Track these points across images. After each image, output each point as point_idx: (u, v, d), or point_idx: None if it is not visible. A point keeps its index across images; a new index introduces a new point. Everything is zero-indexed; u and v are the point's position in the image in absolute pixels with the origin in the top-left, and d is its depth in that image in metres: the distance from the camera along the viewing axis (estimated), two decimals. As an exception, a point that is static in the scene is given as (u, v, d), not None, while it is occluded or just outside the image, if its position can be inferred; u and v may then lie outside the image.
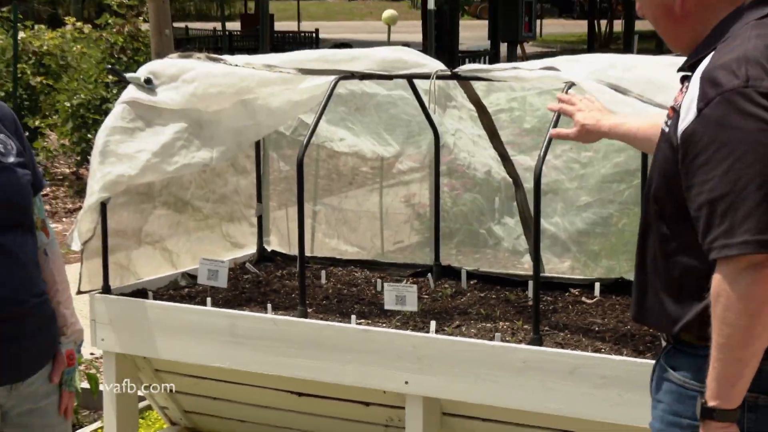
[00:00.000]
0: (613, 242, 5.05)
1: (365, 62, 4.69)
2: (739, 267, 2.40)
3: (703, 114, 2.46)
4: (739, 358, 2.44)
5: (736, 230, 2.39)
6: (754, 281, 2.39)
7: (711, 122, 2.45)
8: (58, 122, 12.60)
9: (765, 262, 2.38)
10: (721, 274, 2.42)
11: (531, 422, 3.97)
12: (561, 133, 3.48)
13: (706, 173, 2.44)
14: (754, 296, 2.39)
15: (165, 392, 4.81)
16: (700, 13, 2.65)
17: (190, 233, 5.33)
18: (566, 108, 3.43)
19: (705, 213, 2.45)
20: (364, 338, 4.07)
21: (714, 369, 2.48)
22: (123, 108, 4.53)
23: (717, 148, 2.43)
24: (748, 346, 2.43)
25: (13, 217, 3.15)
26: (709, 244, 2.44)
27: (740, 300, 2.40)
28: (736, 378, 2.47)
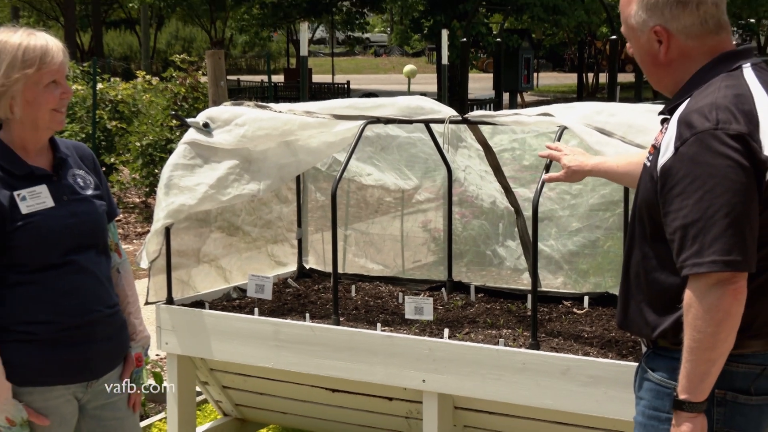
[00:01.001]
0: (599, 262, 5.03)
1: (389, 109, 4.69)
2: (708, 283, 2.41)
3: (680, 151, 2.47)
4: (707, 359, 2.45)
5: (705, 251, 2.39)
6: (721, 295, 2.40)
7: (686, 159, 2.45)
8: (130, 159, 12.68)
9: (730, 278, 2.40)
10: (692, 288, 2.44)
11: (529, 415, 3.94)
12: (552, 177, 3.53)
13: (680, 202, 2.45)
14: (720, 308, 2.41)
15: (219, 389, 4.81)
16: (681, 61, 2.66)
17: (241, 253, 5.33)
18: (554, 154, 3.46)
19: (679, 236, 2.46)
20: (388, 343, 4.05)
21: (685, 368, 2.49)
22: (184, 148, 4.54)
23: (691, 181, 2.44)
24: (715, 349, 2.44)
25: (90, 240, 3.18)
26: (682, 263, 2.45)
27: (708, 311, 2.41)
28: (705, 376, 2.47)
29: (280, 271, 5.44)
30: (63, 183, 3.15)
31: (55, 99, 3.07)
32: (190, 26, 54.50)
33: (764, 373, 2.60)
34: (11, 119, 3.07)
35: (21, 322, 3.05)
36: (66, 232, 3.09)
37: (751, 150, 2.41)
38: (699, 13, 2.61)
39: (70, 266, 3.10)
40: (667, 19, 2.62)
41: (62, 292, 3.08)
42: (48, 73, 3.04)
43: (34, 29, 3.11)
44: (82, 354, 3.15)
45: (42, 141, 3.16)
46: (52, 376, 3.12)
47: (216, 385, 4.80)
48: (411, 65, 16.10)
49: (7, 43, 3.02)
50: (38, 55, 3.02)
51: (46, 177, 3.12)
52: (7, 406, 3.03)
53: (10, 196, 3.01)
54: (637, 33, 2.70)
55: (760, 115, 2.46)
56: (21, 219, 3.01)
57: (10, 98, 3.02)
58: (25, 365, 3.06)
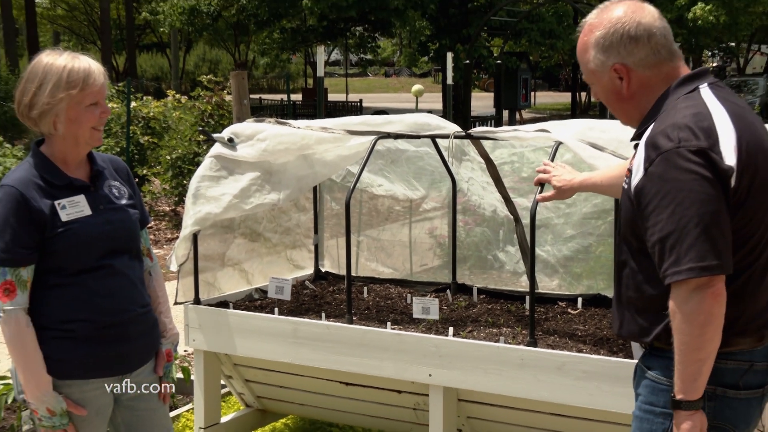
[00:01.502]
0: (592, 266, 5.02)
1: (398, 125, 4.69)
2: (688, 289, 2.42)
3: (649, 171, 2.51)
4: (696, 359, 2.45)
5: (682, 260, 2.42)
6: (701, 299, 2.41)
7: (655, 177, 2.49)
8: (160, 171, 12.69)
9: (708, 283, 2.41)
10: (675, 295, 2.46)
11: (527, 407, 3.93)
12: (545, 197, 3.54)
13: (656, 217, 2.48)
14: (702, 310, 2.42)
15: (241, 382, 4.81)
16: (642, 91, 2.70)
17: (262, 257, 5.33)
18: (543, 177, 3.48)
19: (658, 249, 2.48)
20: (397, 340, 4.05)
21: (678, 370, 2.49)
22: (211, 161, 4.55)
23: (662, 197, 2.47)
24: (702, 349, 2.44)
25: (124, 245, 3.20)
26: (663, 273, 2.47)
27: (692, 314, 2.43)
28: (696, 375, 2.47)
29: (298, 274, 5.44)
30: (99, 193, 3.17)
31: (95, 118, 3.10)
32: (216, 49, 54.69)
33: (751, 368, 2.59)
34: (54, 135, 3.09)
35: (60, 321, 3.07)
36: (102, 238, 3.11)
37: (713, 162, 2.44)
38: (651, 44, 2.65)
39: (106, 269, 3.12)
40: (624, 56, 2.66)
41: (98, 294, 3.10)
42: (90, 95, 3.07)
43: (78, 53, 3.14)
44: (117, 350, 3.17)
45: (81, 155, 3.18)
46: (89, 370, 3.13)
47: (239, 379, 4.80)
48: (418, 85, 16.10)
49: (53, 65, 3.04)
50: (81, 77, 3.05)
51: (85, 188, 3.14)
52: (48, 398, 3.05)
53: (51, 204, 3.04)
54: (599, 75, 2.72)
55: (719, 129, 2.49)
56: (61, 226, 3.03)
57: (54, 116, 3.04)
58: (64, 360, 3.07)
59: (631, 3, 2.69)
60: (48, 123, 3.06)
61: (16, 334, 3.02)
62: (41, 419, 3.07)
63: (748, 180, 2.49)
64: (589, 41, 2.71)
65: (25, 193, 3.00)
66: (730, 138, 2.48)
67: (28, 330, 3.02)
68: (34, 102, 3.04)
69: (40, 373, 3.03)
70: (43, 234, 3.02)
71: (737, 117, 2.55)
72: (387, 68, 71.10)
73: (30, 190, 3.02)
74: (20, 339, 3.02)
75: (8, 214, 2.98)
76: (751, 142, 2.52)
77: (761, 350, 2.62)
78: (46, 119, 3.05)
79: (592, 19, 2.73)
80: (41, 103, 3.03)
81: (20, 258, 3.01)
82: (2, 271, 3.01)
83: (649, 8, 2.68)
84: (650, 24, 2.65)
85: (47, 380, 3.04)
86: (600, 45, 2.67)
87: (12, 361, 3.09)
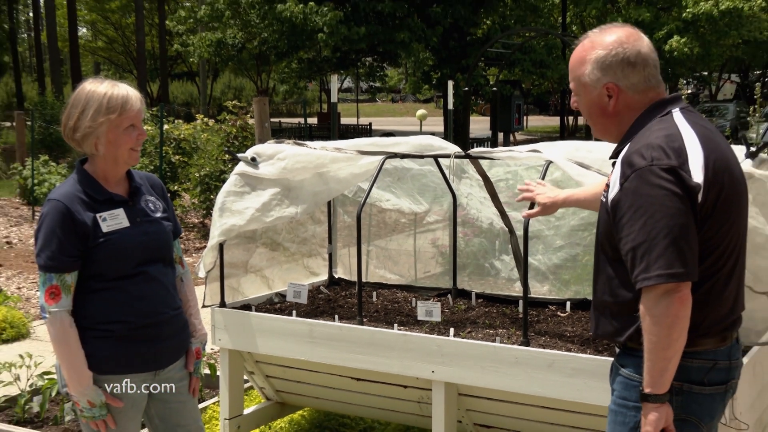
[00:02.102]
0: (579, 273, 5.01)
1: (404, 146, 4.70)
2: (657, 293, 2.44)
3: (624, 187, 2.52)
4: (664, 357, 2.46)
5: (652, 267, 2.43)
6: (669, 303, 2.43)
7: (629, 192, 2.50)
8: (190, 187, 12.72)
9: (675, 288, 2.42)
10: (645, 299, 2.47)
11: (521, 401, 3.92)
12: (531, 214, 3.52)
13: (629, 228, 2.49)
14: (669, 313, 2.43)
15: (262, 377, 4.80)
16: (626, 111, 2.71)
17: (281, 265, 5.33)
18: (528, 195, 3.49)
19: (630, 257, 2.49)
20: (404, 340, 4.04)
21: (647, 367, 2.50)
22: (235, 178, 4.55)
23: (635, 210, 2.48)
24: (669, 348, 2.46)
25: (158, 254, 3.23)
26: (635, 279, 2.48)
27: (660, 317, 2.44)
28: (663, 371, 2.48)
29: (314, 280, 5.43)
30: (137, 207, 3.20)
31: (132, 140, 3.13)
32: (240, 78, 54.84)
33: (715, 367, 2.59)
34: (96, 155, 3.13)
35: (101, 322, 3.10)
36: (139, 247, 3.14)
37: (682, 179, 2.45)
38: (644, 72, 2.66)
39: (142, 276, 3.15)
40: (619, 78, 2.66)
41: (135, 297, 3.13)
42: (127, 119, 3.10)
43: (117, 81, 3.17)
44: (151, 348, 3.19)
45: (120, 173, 3.21)
46: (126, 367, 3.15)
47: (260, 375, 4.79)
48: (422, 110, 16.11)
49: (95, 92, 3.08)
50: (120, 103, 3.08)
51: (123, 202, 3.17)
52: (89, 392, 3.06)
53: (93, 217, 3.07)
54: (590, 89, 2.72)
55: (688, 149, 2.50)
56: (102, 236, 3.07)
57: (96, 138, 3.08)
58: (104, 357, 3.10)
59: (632, 30, 2.69)
60: (90, 144, 3.10)
61: (60, 334, 3.04)
62: (82, 410, 3.08)
63: (714, 196, 2.50)
64: (588, 56, 2.69)
65: (70, 207, 3.04)
66: (698, 157, 2.50)
67: (71, 330, 3.05)
68: (77, 125, 3.08)
69: (82, 369, 3.05)
70: (86, 244, 3.05)
71: (705, 139, 2.56)
72: (394, 95, 71.25)
73: (74, 204, 3.06)
74: (64, 338, 3.04)
75: (55, 226, 3.02)
76: (718, 161, 2.53)
77: (724, 350, 2.62)
78: (89, 141, 3.09)
79: (595, 36, 2.71)
80: (84, 127, 3.07)
81: (65, 265, 3.03)
82: (49, 276, 3.03)
83: (645, 39, 2.69)
84: (647, 54, 2.66)
85: (88, 375, 3.06)
86: (599, 63, 2.67)
87: (56, 357, 3.11)
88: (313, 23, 24.71)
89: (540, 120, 53.98)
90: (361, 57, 30.34)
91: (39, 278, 3.07)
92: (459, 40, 27.51)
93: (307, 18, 24.70)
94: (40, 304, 3.07)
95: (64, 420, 5.07)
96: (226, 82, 57.13)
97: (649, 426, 2.51)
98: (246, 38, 28.42)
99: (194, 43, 29.29)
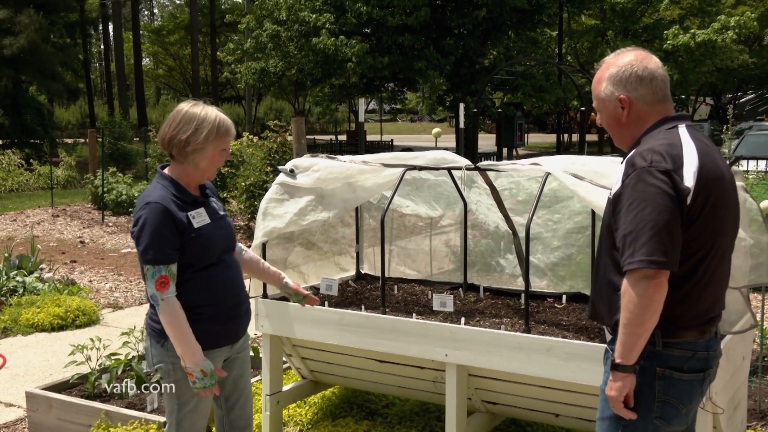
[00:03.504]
0: (573, 270, 4.98)
1: (422, 160, 4.69)
2: (638, 276, 2.43)
3: (624, 183, 2.53)
4: (636, 333, 2.46)
5: (636, 253, 2.43)
6: (646, 286, 2.42)
7: (628, 188, 2.51)
8: (237, 195, 12.76)
9: (654, 274, 2.41)
10: (627, 280, 2.46)
11: (523, 381, 3.90)
12: None
13: (624, 218, 2.50)
14: (646, 295, 2.42)
15: (299, 359, 4.80)
16: (637, 122, 2.71)
17: (315, 262, 5.33)
18: None
19: (621, 243, 2.50)
20: (421, 327, 4.03)
21: (620, 339, 2.50)
22: (276, 187, 4.56)
23: (630, 204, 2.48)
24: (641, 325, 2.45)
25: (231, 244, 3.37)
26: (622, 262, 2.48)
27: (637, 297, 2.43)
28: (634, 345, 2.48)
29: (343, 275, 5.43)
30: (210, 206, 3.32)
31: (222, 161, 3.28)
32: (280, 101, 55.03)
33: (694, 356, 2.57)
34: (189, 165, 3.22)
35: (194, 307, 3.17)
36: (219, 240, 3.24)
37: (675, 182, 2.45)
38: (652, 86, 2.66)
39: (222, 264, 3.25)
40: (629, 90, 2.66)
41: (220, 283, 3.23)
42: (226, 142, 3.25)
43: (213, 106, 3.28)
44: (234, 325, 3.31)
45: (201, 182, 3.33)
46: (218, 341, 3.25)
47: (297, 357, 4.79)
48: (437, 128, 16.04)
49: (207, 117, 3.19)
50: (226, 128, 3.22)
51: (203, 203, 3.28)
52: (203, 363, 3.13)
53: (186, 216, 3.17)
54: (606, 103, 2.72)
55: (685, 158, 2.50)
56: (194, 231, 3.17)
57: (202, 154, 3.19)
58: (200, 336, 3.16)
59: (643, 52, 2.70)
60: (195, 158, 3.20)
61: (173, 316, 3.10)
62: (195, 381, 3.14)
63: (702, 202, 2.48)
64: (603, 75, 2.71)
65: (168, 207, 3.12)
66: (693, 166, 2.49)
67: (181, 312, 3.12)
68: (189, 140, 3.17)
69: (195, 344, 3.12)
70: (182, 238, 3.14)
71: (703, 152, 2.55)
72: (412, 115, 71.19)
73: (170, 204, 3.14)
74: (177, 320, 3.10)
75: (158, 225, 3.09)
76: (711, 172, 2.52)
77: (702, 342, 2.60)
78: (196, 155, 3.19)
79: (609, 59, 2.74)
80: (195, 143, 3.17)
81: (170, 257, 3.11)
82: (158, 269, 3.10)
83: (654, 58, 2.70)
84: (654, 70, 2.66)
85: (199, 348, 3.13)
86: (612, 79, 2.68)
87: (171, 337, 3.14)
88: (343, 54, 24.76)
89: (539, 137, 53.78)
90: (384, 83, 30.34)
91: (147, 272, 3.11)
92: (469, 68, 27.45)
93: (338, 49, 24.75)
94: (151, 294, 3.11)
95: (128, 395, 5.10)
96: (269, 105, 57.35)
97: (615, 391, 2.52)
98: (286, 67, 28.49)
99: (241, 71, 29.40)
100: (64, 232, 14.14)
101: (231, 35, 46.54)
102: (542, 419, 4.15)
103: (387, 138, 40.37)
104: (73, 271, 10.42)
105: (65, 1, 31.00)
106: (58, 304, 7.85)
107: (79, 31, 41.02)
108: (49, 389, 5.10)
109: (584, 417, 3.87)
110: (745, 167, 12.48)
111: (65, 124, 51.02)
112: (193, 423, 3.27)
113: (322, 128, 55.96)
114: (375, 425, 4.82)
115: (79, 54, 39.21)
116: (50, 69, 28.66)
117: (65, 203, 18.05)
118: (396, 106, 46.67)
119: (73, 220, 15.59)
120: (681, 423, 2.61)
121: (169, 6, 71.94)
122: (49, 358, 6.68)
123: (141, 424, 4.48)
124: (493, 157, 23.23)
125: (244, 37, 32.58)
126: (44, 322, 7.57)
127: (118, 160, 23.91)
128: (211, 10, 46.79)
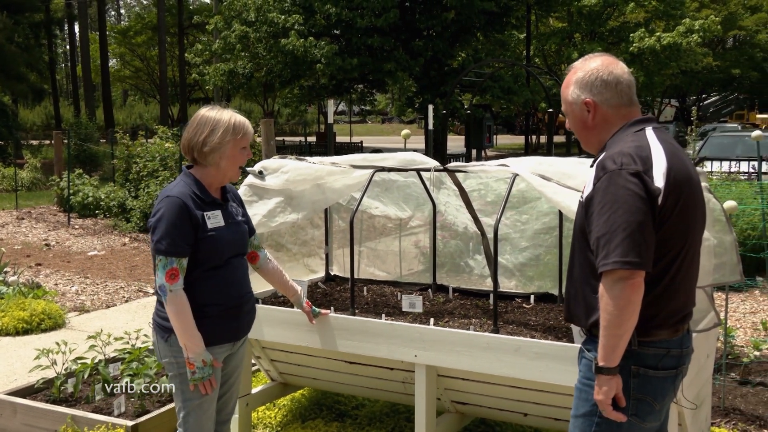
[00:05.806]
0: (541, 270, 5.01)
1: (391, 161, 4.68)
2: (614, 278, 2.45)
3: (596, 186, 2.55)
4: (616, 334, 2.47)
5: (610, 255, 2.44)
6: (623, 287, 2.43)
7: (600, 191, 2.52)
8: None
9: (629, 275, 2.43)
10: (603, 282, 2.48)
11: (492, 381, 3.91)
12: None
13: (596, 220, 2.51)
14: (623, 296, 2.43)
15: (268, 361, 4.78)
16: (603, 125, 2.74)
17: (284, 263, 5.30)
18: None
19: (595, 245, 2.51)
20: (390, 328, 4.02)
21: (601, 343, 2.52)
22: (245, 188, 4.54)
23: (602, 206, 2.50)
24: (621, 327, 2.46)
25: (241, 249, 3.42)
26: (597, 264, 2.49)
27: (614, 298, 2.44)
28: (615, 347, 2.49)
29: (312, 276, 5.41)
30: (228, 210, 3.37)
31: (244, 158, 3.33)
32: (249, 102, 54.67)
33: (668, 354, 2.60)
34: (211, 166, 3.29)
35: (199, 305, 3.23)
36: (229, 243, 3.30)
37: (645, 183, 2.47)
38: (617, 90, 2.69)
39: (229, 266, 3.30)
40: (595, 94, 2.70)
41: (226, 284, 3.29)
42: (245, 140, 3.31)
43: (231, 110, 3.35)
44: (236, 324, 3.37)
45: (223, 184, 3.39)
46: (219, 338, 3.31)
47: (266, 359, 4.77)
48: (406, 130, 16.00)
49: (221, 117, 3.28)
50: (242, 126, 3.30)
51: (221, 205, 3.34)
52: (204, 353, 3.22)
53: (202, 215, 3.22)
54: (573, 106, 2.75)
55: (654, 159, 2.53)
56: (207, 231, 3.22)
57: (220, 153, 3.26)
58: (203, 332, 3.22)
59: (609, 57, 2.75)
60: (215, 157, 3.27)
61: (180, 308, 3.16)
62: (194, 372, 3.21)
63: (673, 202, 2.51)
64: (571, 80, 2.75)
65: (186, 203, 3.18)
66: (662, 167, 2.52)
67: (187, 304, 3.18)
68: (206, 141, 3.25)
69: (198, 335, 3.19)
70: (196, 235, 3.19)
71: (670, 153, 2.58)
72: (382, 116, 71.28)
73: (189, 200, 3.20)
74: (184, 311, 3.16)
75: (175, 217, 3.15)
76: (679, 172, 2.56)
77: (676, 340, 2.63)
78: (214, 154, 3.26)
79: (577, 64, 2.77)
80: (212, 143, 3.24)
81: (183, 251, 3.16)
82: (170, 260, 3.15)
83: (620, 63, 2.74)
84: (620, 75, 2.70)
85: (201, 339, 3.20)
86: (579, 83, 2.71)
87: (175, 328, 3.20)
88: (312, 55, 24.71)
89: (507, 138, 54.13)
90: (353, 84, 30.34)
91: (159, 263, 3.16)
92: (438, 70, 27.55)
93: (307, 51, 24.70)
94: (159, 284, 3.16)
95: (95, 399, 5.03)
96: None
97: (602, 395, 2.52)
98: (254, 68, 28.37)
99: (210, 72, 29.23)
100: (29, 235, 13.93)
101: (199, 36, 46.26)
102: (511, 419, 4.17)
103: (356, 139, 40.33)
104: (38, 275, 10.27)
105: (30, 0, 30.59)
106: (23, 307, 7.73)
107: (45, 31, 40.49)
108: (14, 394, 5.02)
109: (552, 416, 3.90)
110: (709, 168, 12.68)
111: (30, 125, 50.34)
112: (200, 420, 3.34)
113: (292, 130, 55.77)
114: (345, 426, 4.81)
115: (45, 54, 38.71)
116: (14, 69, 28.28)
117: (30, 205, 17.79)
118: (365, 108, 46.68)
119: (39, 222, 15.37)
120: (655, 419, 2.64)
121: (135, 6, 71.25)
122: (14, 363, 6.57)
123: (108, 429, 4.43)
124: (462, 158, 23.34)
125: (212, 38, 32.37)
126: (9, 326, 7.45)
127: (84, 162, 23.61)
128: (179, 10, 46.42)
